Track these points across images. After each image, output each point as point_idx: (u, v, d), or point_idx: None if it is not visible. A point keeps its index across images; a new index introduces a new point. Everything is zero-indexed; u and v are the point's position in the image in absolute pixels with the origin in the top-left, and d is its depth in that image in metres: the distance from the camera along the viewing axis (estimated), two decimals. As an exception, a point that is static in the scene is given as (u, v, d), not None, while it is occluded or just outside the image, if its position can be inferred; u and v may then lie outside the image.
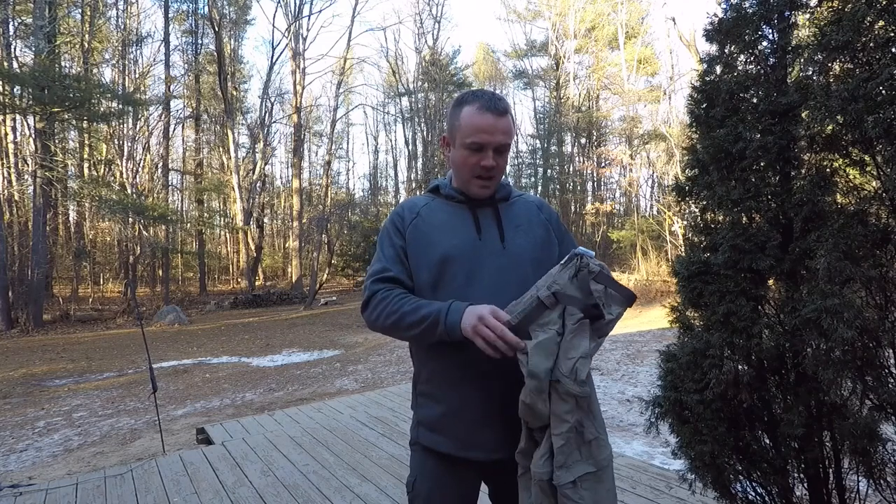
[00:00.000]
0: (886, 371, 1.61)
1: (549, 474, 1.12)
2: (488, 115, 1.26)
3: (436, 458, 1.34)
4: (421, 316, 1.19)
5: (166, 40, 23.31)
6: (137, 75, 23.67)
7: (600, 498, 1.13)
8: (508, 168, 30.89)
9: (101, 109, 16.21)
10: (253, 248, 24.23)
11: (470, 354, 1.19)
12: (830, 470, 1.79)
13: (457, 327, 1.14)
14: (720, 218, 1.89)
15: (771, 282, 1.81)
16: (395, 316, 1.22)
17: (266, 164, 26.64)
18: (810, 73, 1.73)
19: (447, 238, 1.30)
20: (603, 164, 23.19)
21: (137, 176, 20.59)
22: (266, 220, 29.86)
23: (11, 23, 17.11)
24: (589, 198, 26.02)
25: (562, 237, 1.42)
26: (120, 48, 22.62)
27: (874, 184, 1.63)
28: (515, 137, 1.34)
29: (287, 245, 29.15)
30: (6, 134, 17.48)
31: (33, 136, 15.66)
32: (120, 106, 17.73)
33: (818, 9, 1.75)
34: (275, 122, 27.61)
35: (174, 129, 25.91)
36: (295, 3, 22.85)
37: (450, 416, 1.29)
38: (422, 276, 1.30)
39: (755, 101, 1.80)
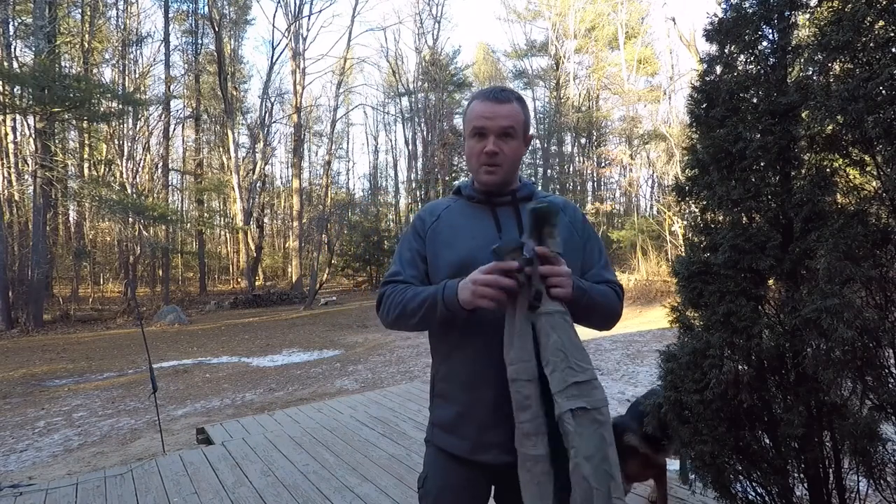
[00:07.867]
0: (886, 371, 1.61)
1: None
2: (488, 102, 1.30)
3: (447, 459, 1.34)
4: (420, 301, 1.24)
5: (166, 40, 23.30)
6: (137, 75, 23.62)
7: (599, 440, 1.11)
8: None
9: (101, 109, 16.18)
10: (253, 248, 24.21)
11: (483, 355, 1.23)
12: (830, 470, 1.79)
13: (454, 302, 1.17)
14: (720, 218, 1.89)
15: (771, 282, 1.81)
16: (399, 307, 1.28)
17: (266, 164, 26.61)
18: (810, 73, 1.73)
19: (467, 240, 1.32)
20: (603, 164, 23.18)
21: (137, 176, 20.56)
22: (266, 220, 29.83)
23: (11, 23, 17.09)
24: (589, 198, 25.95)
25: (587, 238, 1.39)
26: (120, 48, 22.57)
27: (874, 184, 1.63)
28: (532, 130, 1.35)
29: (287, 245, 29.13)
30: (6, 134, 17.46)
31: (33, 136, 15.63)
32: (120, 106, 17.69)
33: (818, 9, 1.75)
34: (275, 122, 27.56)
35: (174, 129, 25.87)
36: (295, 3, 22.84)
37: (462, 418, 1.30)
38: (441, 277, 1.31)
39: (755, 101, 1.80)
